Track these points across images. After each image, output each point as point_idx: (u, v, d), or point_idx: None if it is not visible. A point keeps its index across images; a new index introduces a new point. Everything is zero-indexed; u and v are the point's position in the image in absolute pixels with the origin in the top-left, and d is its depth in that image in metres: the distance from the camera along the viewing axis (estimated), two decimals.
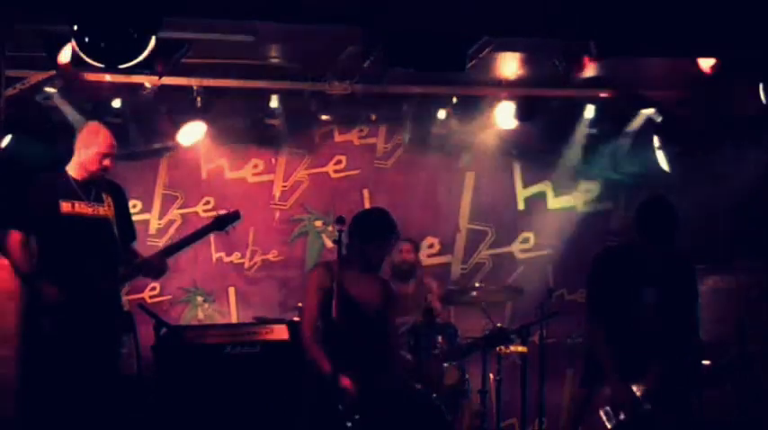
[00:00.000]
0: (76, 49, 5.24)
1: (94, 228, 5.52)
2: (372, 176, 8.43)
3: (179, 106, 7.54)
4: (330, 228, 8.12)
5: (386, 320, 5.59)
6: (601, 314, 5.19)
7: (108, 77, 6.99)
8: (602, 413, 4.99)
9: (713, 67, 6.46)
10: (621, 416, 4.96)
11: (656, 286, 5.12)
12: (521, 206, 8.57)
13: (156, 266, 5.62)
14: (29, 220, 5.45)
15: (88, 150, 5.54)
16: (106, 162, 5.55)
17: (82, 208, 5.51)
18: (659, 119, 7.98)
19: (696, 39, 5.77)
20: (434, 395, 6.23)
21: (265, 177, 8.28)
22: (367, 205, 8.28)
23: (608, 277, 5.20)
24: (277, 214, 8.30)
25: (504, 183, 8.56)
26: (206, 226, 5.78)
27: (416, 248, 7.72)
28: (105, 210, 5.57)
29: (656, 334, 5.09)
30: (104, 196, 5.60)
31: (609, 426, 4.95)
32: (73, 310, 5.31)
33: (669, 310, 5.11)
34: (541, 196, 8.59)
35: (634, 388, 5.01)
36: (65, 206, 5.46)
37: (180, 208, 8.09)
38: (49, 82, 6.99)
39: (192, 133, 7.72)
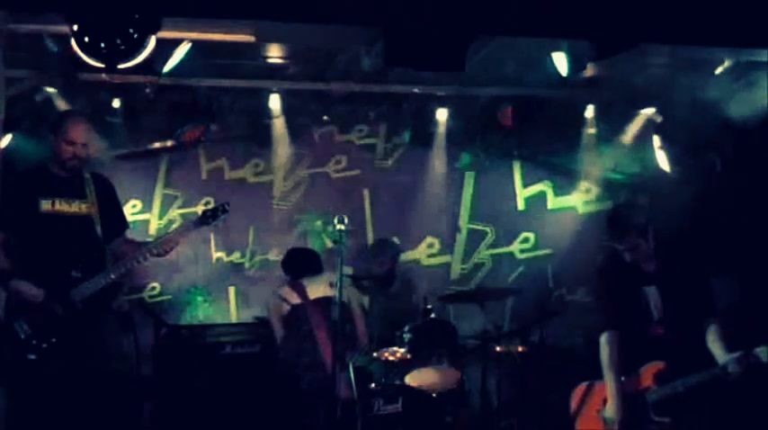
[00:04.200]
0: (76, 48, 5.22)
1: (75, 226, 5.34)
2: (372, 176, 8.42)
3: (179, 106, 7.54)
4: (330, 228, 8.10)
5: None
6: (610, 321, 5.25)
7: (107, 77, 6.98)
8: None
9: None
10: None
11: (654, 284, 5.15)
12: (521, 206, 8.56)
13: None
14: (6, 219, 5.20)
15: (57, 138, 5.33)
16: (75, 151, 5.31)
17: (62, 205, 5.33)
18: (659, 119, 7.98)
19: (696, 39, 5.77)
20: (434, 395, 6.24)
21: (265, 177, 8.27)
22: (367, 205, 8.30)
23: (615, 283, 5.26)
24: (277, 214, 8.29)
25: (504, 183, 8.56)
26: (193, 221, 5.59)
27: (394, 258, 7.65)
28: (88, 206, 5.39)
29: (661, 335, 5.11)
30: (87, 191, 5.41)
31: None
32: (51, 312, 5.14)
33: (673, 307, 5.12)
34: (541, 196, 8.59)
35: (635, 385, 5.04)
36: (44, 204, 5.30)
37: (180, 208, 8.07)
38: (48, 82, 6.99)
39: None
